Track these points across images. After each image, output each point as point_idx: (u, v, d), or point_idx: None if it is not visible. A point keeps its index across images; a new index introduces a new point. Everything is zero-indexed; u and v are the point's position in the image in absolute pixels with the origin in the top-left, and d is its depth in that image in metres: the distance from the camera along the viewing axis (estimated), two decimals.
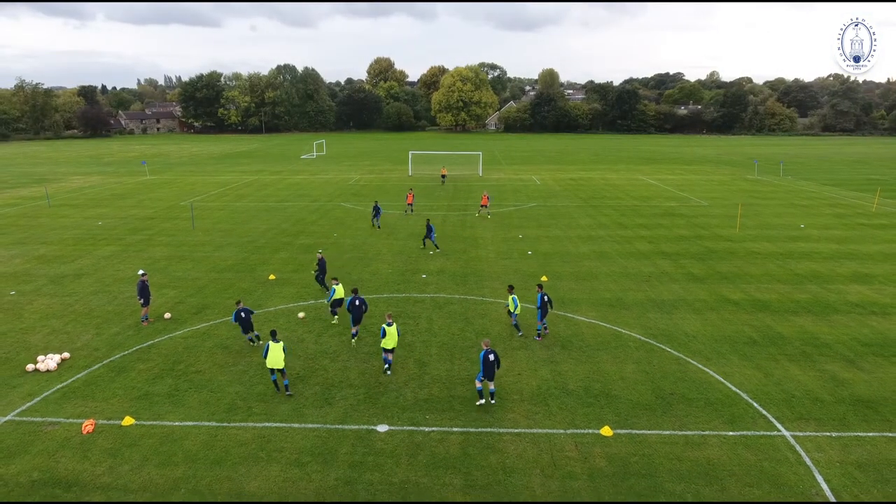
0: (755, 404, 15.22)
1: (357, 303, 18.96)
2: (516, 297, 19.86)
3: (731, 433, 13.88)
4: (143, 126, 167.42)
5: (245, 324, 18.71)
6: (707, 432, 13.90)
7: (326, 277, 24.45)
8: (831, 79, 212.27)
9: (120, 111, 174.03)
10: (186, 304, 23.13)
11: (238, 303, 18.91)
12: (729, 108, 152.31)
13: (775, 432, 13.94)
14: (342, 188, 55.80)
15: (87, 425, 14.22)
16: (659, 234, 35.64)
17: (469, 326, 20.63)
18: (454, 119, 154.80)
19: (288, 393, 15.78)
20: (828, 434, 13.86)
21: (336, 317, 21.07)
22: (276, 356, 15.65)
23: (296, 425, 14.29)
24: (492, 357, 15.00)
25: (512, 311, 19.82)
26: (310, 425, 14.28)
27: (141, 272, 23.09)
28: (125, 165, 78.76)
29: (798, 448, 13.32)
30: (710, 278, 26.38)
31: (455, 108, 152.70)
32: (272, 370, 15.89)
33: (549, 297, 19.62)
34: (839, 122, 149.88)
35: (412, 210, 42.60)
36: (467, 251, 31.53)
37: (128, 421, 14.48)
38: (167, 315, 21.70)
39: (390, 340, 16.65)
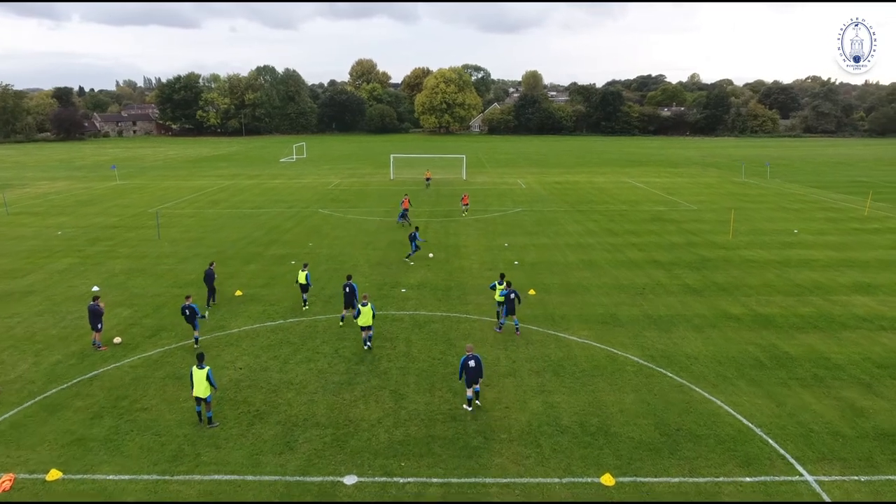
0: (770, 441, 13.60)
1: (348, 290, 20.42)
2: (506, 285, 20.28)
3: (747, 479, 12.22)
4: (119, 129, 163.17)
5: (188, 321, 18.75)
6: (721, 479, 12.23)
7: (215, 288, 23.52)
8: (809, 81, 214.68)
9: (95, 113, 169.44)
10: (141, 326, 21.01)
11: (187, 298, 18.97)
12: (712, 110, 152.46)
13: (797, 477, 12.33)
14: (321, 193, 53.70)
15: (5, 481, 12.16)
16: (650, 240, 34.16)
17: (451, 349, 18.81)
18: (438, 121, 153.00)
19: (211, 425, 14.25)
20: (856, 478, 12.26)
21: (305, 305, 22.65)
22: (199, 384, 14.05)
23: (250, 477, 12.35)
24: (472, 363, 14.71)
25: (498, 300, 20.33)
26: (266, 477, 12.35)
27: (95, 288, 21.39)
28: (96, 170, 75.72)
29: (825, 496, 11.71)
30: (708, 290, 24.87)
31: (439, 109, 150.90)
32: (197, 399, 14.27)
33: (516, 294, 19.59)
34: (820, 123, 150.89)
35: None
36: (450, 261, 29.75)
37: (53, 475, 12.43)
38: (117, 340, 19.56)
39: (363, 318, 18.30)
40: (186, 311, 18.58)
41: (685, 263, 29.07)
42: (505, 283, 20.32)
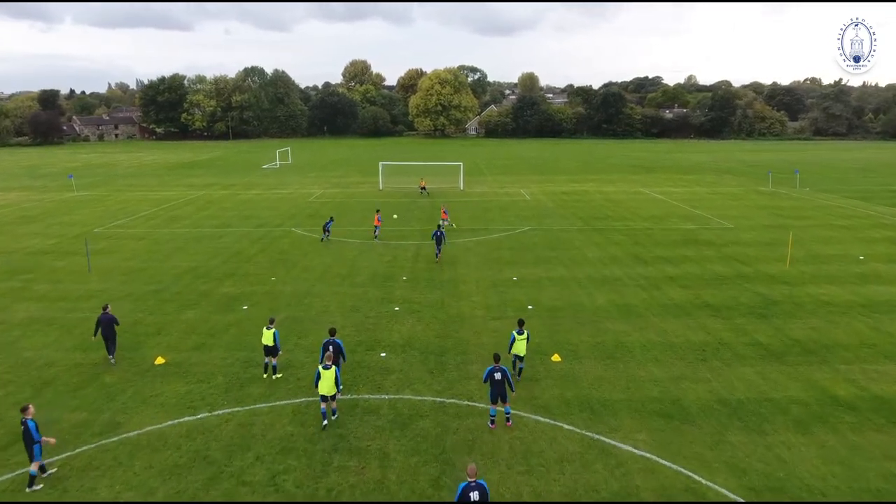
0: None
1: (331, 348, 15.79)
2: (526, 335, 16.43)
3: None
4: (100, 132, 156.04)
5: (27, 442, 12.20)
6: None
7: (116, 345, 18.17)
8: (808, 82, 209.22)
9: (74, 116, 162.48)
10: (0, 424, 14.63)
11: (24, 409, 12.53)
12: (717, 112, 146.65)
13: None
14: (299, 207, 47.27)
15: None
16: (690, 271, 27.96)
17: (448, 473, 12.50)
18: (433, 124, 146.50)
19: None
20: None
21: (266, 374, 17.20)
22: None
23: None
24: (475, 497, 10.13)
25: (516, 353, 16.32)
26: None
27: None
28: (59, 178, 69.09)
29: None
30: (790, 353, 18.63)
31: (434, 112, 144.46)
32: None
33: (504, 373, 13.77)
34: (831, 125, 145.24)
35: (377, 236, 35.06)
36: (446, 304, 23.45)
37: None
38: None
39: (324, 385, 14.18)
40: (27, 425, 12.23)
41: (746, 308, 22.83)
42: (525, 333, 16.44)
